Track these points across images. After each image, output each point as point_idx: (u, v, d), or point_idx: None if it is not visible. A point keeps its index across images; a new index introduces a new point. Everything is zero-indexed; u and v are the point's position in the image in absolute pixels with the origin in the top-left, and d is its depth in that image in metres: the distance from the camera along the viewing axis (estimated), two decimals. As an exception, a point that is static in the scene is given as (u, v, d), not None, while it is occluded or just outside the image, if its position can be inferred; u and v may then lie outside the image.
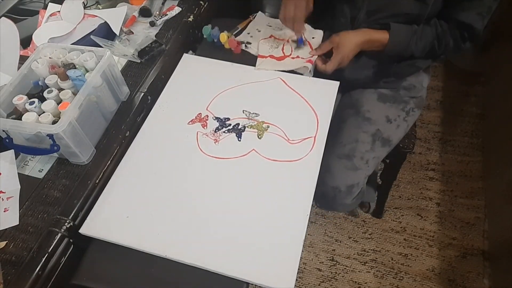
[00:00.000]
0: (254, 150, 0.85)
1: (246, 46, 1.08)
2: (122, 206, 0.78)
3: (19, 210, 0.76)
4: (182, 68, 1.03)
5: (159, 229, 0.74)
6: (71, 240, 0.74)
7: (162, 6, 1.15)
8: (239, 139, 0.88)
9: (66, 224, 0.73)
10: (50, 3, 1.14)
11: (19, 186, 0.79)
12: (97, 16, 1.09)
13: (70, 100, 0.79)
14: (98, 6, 1.15)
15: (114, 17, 1.08)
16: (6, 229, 0.74)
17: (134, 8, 1.14)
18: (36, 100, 0.77)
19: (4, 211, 0.76)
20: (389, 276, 1.38)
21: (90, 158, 0.83)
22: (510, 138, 1.45)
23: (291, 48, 1.05)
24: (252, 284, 0.69)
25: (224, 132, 0.89)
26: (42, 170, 0.82)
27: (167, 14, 1.12)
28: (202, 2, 1.17)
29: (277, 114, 0.91)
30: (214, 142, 0.88)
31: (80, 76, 0.80)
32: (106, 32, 1.05)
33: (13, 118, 0.76)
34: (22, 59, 1.00)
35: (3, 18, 1.10)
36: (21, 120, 0.75)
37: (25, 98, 0.78)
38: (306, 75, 1.01)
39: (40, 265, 0.68)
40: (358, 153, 1.02)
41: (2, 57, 1.01)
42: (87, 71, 0.84)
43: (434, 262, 1.40)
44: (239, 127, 0.90)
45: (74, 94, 0.80)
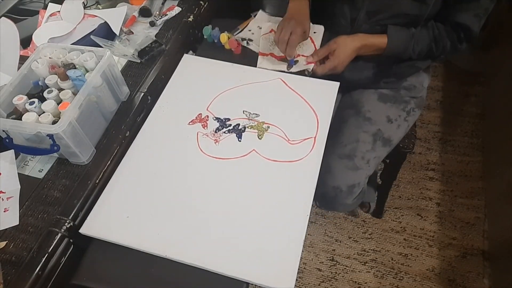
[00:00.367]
0: (254, 150, 0.85)
1: (247, 43, 1.08)
2: (122, 206, 0.78)
3: (19, 210, 0.76)
4: (182, 68, 1.03)
5: (159, 229, 0.74)
6: (71, 240, 0.74)
7: (162, 6, 1.15)
8: (239, 140, 0.88)
9: (66, 224, 0.73)
10: (50, 3, 1.14)
11: (19, 186, 0.79)
12: (97, 16, 1.09)
13: (70, 100, 0.79)
14: (98, 6, 1.15)
15: (114, 17, 1.08)
16: (6, 229, 0.74)
17: (134, 8, 1.14)
18: (36, 100, 0.77)
19: (4, 211, 0.76)
20: (389, 276, 1.38)
21: (90, 158, 0.83)
22: (510, 138, 1.45)
23: None
24: (252, 284, 0.69)
25: (224, 132, 0.89)
26: (42, 170, 0.82)
27: (167, 14, 1.12)
28: (202, 2, 1.17)
29: (277, 114, 0.91)
30: (215, 143, 0.88)
31: (80, 76, 0.80)
32: (106, 32, 1.05)
33: (13, 118, 0.76)
34: (22, 59, 1.00)
35: (3, 18, 1.10)
36: (21, 120, 0.75)
37: (25, 98, 0.78)
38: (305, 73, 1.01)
39: (40, 265, 0.68)
40: (359, 153, 1.02)
41: (2, 57, 1.01)
42: (87, 71, 0.84)
43: (434, 262, 1.40)
44: (240, 128, 0.90)
45: (74, 94, 0.80)
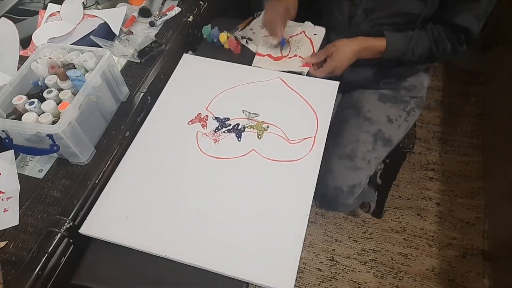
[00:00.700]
0: (254, 150, 0.85)
1: (247, 42, 1.08)
2: (122, 206, 0.78)
3: (19, 210, 0.76)
4: (182, 68, 1.03)
5: (159, 229, 0.74)
6: (71, 240, 0.74)
7: (161, 6, 1.15)
8: (239, 139, 0.88)
9: (66, 224, 0.73)
10: (49, 3, 1.14)
11: (19, 186, 0.79)
12: (96, 16, 1.09)
13: (69, 100, 0.79)
14: (98, 6, 1.15)
15: (114, 17, 1.08)
16: (6, 229, 0.74)
17: (133, 8, 1.14)
18: (35, 100, 0.77)
19: (4, 211, 0.76)
20: (389, 276, 1.38)
21: (90, 158, 0.83)
22: (510, 138, 1.45)
23: (290, 48, 1.06)
24: (252, 284, 0.69)
25: (224, 132, 0.89)
26: (42, 170, 0.82)
27: (167, 14, 1.12)
28: (202, 2, 1.17)
29: (277, 114, 0.91)
30: (214, 142, 0.88)
31: (79, 76, 0.80)
32: (105, 32, 1.05)
33: (12, 118, 0.76)
34: (22, 59, 1.00)
35: (3, 18, 1.10)
36: (20, 120, 0.75)
37: (24, 98, 0.78)
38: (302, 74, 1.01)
39: (40, 265, 0.68)
40: (359, 153, 1.02)
41: (2, 57, 1.01)
42: (87, 71, 0.84)
43: (434, 262, 1.40)
44: (239, 127, 0.90)
45: (74, 94, 0.80)
